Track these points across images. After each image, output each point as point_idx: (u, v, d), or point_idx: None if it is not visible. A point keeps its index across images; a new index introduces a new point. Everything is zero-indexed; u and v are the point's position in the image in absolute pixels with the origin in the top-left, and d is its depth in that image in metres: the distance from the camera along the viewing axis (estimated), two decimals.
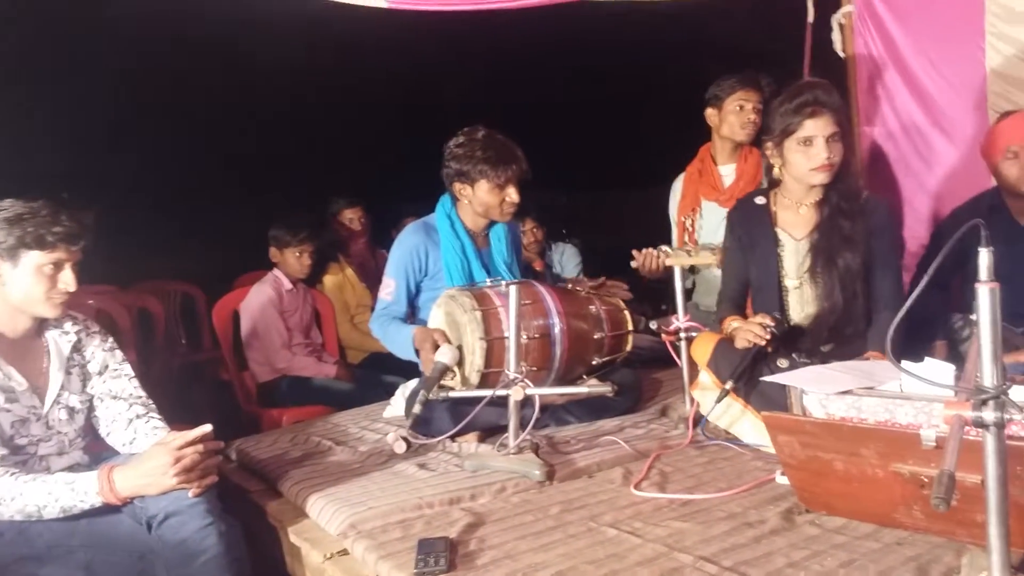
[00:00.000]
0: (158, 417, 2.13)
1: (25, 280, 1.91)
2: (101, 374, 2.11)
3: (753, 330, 2.23)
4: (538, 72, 5.90)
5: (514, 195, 2.66)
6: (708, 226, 3.14)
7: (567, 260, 4.92)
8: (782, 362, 2.21)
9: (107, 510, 1.85)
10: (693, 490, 1.91)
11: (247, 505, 2.16)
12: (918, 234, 3.32)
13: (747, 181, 3.09)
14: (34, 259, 1.90)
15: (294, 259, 3.76)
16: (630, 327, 2.67)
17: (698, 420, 2.31)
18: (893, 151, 3.38)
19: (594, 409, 2.51)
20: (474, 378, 2.38)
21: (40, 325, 2.03)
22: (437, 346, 2.43)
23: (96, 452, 2.12)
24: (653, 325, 2.57)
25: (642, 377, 2.82)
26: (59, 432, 2.01)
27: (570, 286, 2.73)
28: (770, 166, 2.44)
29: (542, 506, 1.87)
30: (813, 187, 2.36)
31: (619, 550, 1.61)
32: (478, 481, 2.01)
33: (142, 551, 1.86)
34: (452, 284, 2.66)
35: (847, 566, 1.49)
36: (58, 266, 1.93)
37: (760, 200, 2.48)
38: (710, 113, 3.17)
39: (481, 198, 2.67)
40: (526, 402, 2.16)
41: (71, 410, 2.04)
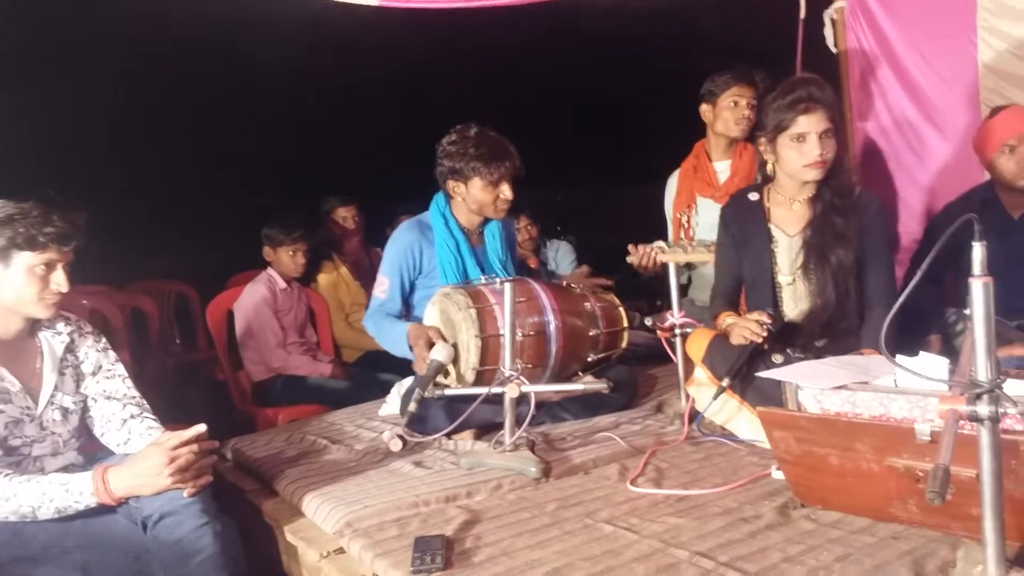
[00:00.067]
0: (152, 417, 2.12)
1: (17, 281, 1.90)
2: (95, 374, 2.11)
3: (750, 327, 2.24)
4: (531, 69, 5.88)
5: (508, 192, 2.67)
6: (704, 223, 3.13)
7: (562, 257, 4.92)
8: (777, 358, 2.22)
9: (102, 510, 1.85)
10: (689, 486, 1.92)
11: (243, 504, 2.15)
12: (911, 229, 3.32)
13: (742, 177, 3.08)
14: (25, 260, 1.89)
15: (288, 258, 3.76)
16: (625, 323, 2.67)
17: (694, 416, 2.31)
18: (886, 146, 3.38)
19: (590, 406, 2.51)
20: (469, 376, 2.38)
21: (33, 326, 2.03)
22: (431, 343, 2.43)
23: (90, 452, 2.12)
24: (648, 321, 2.56)
25: (638, 373, 2.82)
26: (53, 433, 2.01)
27: (565, 283, 2.73)
28: (764, 162, 2.44)
29: (538, 503, 1.87)
30: (806, 183, 2.36)
31: (615, 546, 1.62)
32: (474, 479, 2.01)
33: (138, 551, 1.86)
34: (447, 282, 2.66)
35: (843, 560, 1.49)
36: (50, 267, 1.93)
37: (753, 196, 2.48)
38: (705, 109, 3.16)
39: (475, 195, 2.67)
40: (522, 399, 2.16)
41: (65, 411, 2.03)
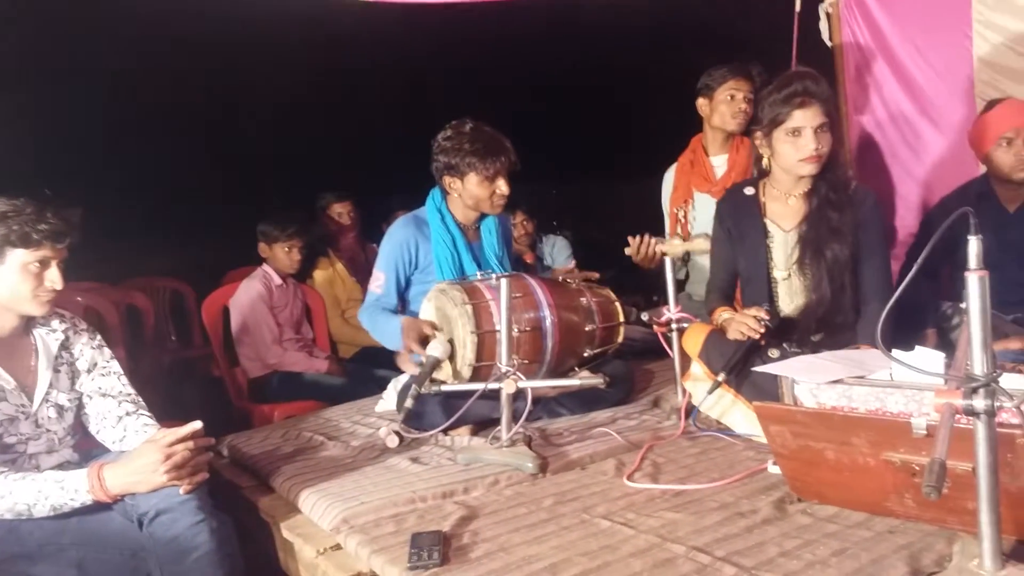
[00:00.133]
0: (148, 414, 2.12)
1: (11, 278, 1.90)
2: (90, 372, 2.10)
3: (747, 323, 2.23)
4: (526, 64, 5.89)
5: (504, 187, 2.66)
6: (701, 217, 3.12)
7: (558, 252, 4.92)
8: (773, 352, 2.21)
9: (98, 508, 1.84)
10: (685, 481, 1.92)
11: (239, 501, 2.15)
12: (907, 223, 3.33)
13: (739, 172, 3.07)
14: (19, 257, 1.89)
15: (283, 254, 3.75)
16: (621, 318, 2.67)
17: (690, 411, 2.31)
18: (881, 140, 3.38)
19: (586, 401, 2.51)
20: (466, 372, 2.38)
21: (27, 323, 2.02)
22: (421, 338, 2.43)
23: (86, 450, 2.11)
24: (644, 316, 2.56)
25: (634, 368, 2.82)
26: (48, 430, 2.00)
27: (561, 278, 2.72)
28: (759, 156, 2.44)
29: (535, 498, 1.87)
30: (802, 178, 2.36)
31: (612, 541, 1.62)
32: (471, 474, 2.01)
33: (134, 548, 1.85)
34: (442, 278, 2.66)
35: (839, 555, 1.49)
36: (44, 264, 1.92)
37: (749, 191, 2.48)
38: (701, 103, 3.15)
39: (471, 191, 2.66)
40: (518, 395, 2.16)
41: (60, 408, 2.03)
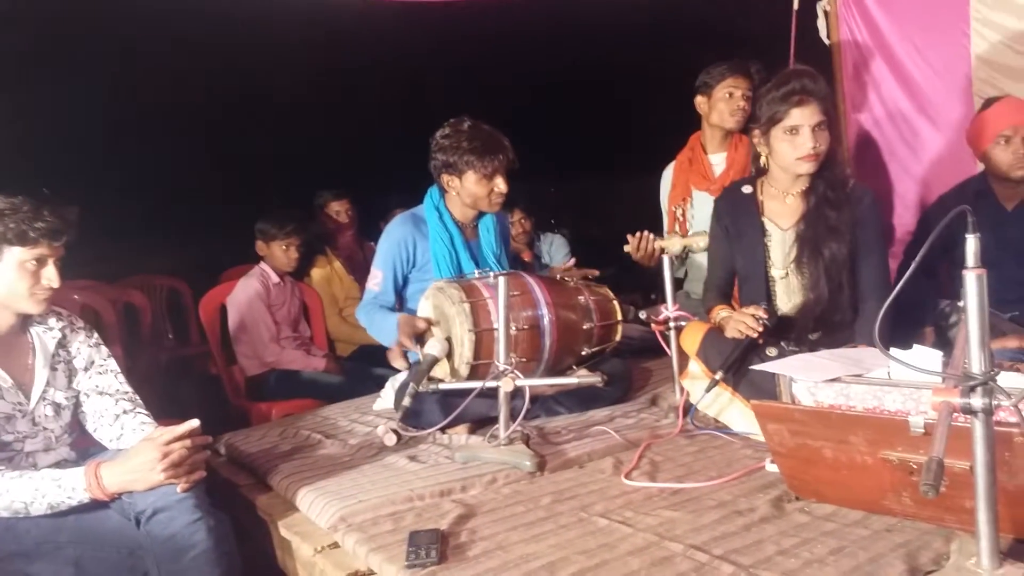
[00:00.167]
0: (145, 412, 2.12)
1: (8, 276, 1.89)
2: (87, 370, 2.10)
3: (746, 321, 2.22)
4: (525, 62, 5.88)
5: (502, 185, 2.66)
6: (700, 216, 3.11)
7: (556, 250, 4.92)
8: (771, 351, 2.22)
9: (95, 506, 1.84)
10: (683, 479, 1.92)
11: (237, 499, 2.15)
12: (905, 221, 3.33)
13: (738, 170, 3.07)
14: (16, 255, 1.88)
15: (281, 252, 3.74)
16: (619, 317, 2.67)
17: (688, 409, 2.31)
18: (879, 138, 3.38)
19: (584, 399, 2.51)
20: (464, 370, 2.37)
21: (24, 321, 2.02)
22: (416, 332, 2.43)
23: (83, 448, 2.11)
24: (642, 315, 2.56)
25: (632, 367, 2.82)
26: (45, 428, 2.00)
27: (559, 276, 2.72)
28: (757, 155, 2.44)
29: (533, 497, 1.87)
30: (799, 176, 2.35)
31: (610, 540, 1.61)
32: (469, 473, 2.01)
33: (131, 547, 1.85)
34: (440, 276, 2.66)
35: (837, 553, 1.49)
36: (41, 262, 1.92)
37: (747, 189, 2.48)
38: (700, 101, 3.15)
39: (469, 189, 2.66)
40: (516, 393, 2.16)
41: (57, 406, 2.03)
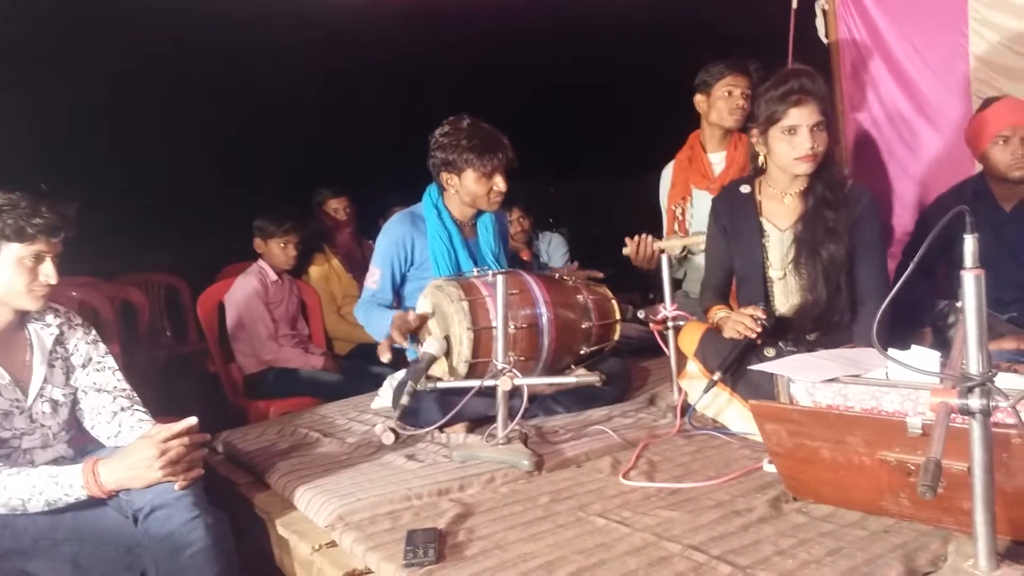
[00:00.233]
0: (143, 410, 2.11)
1: (5, 273, 1.89)
2: (84, 367, 2.10)
3: (744, 322, 2.22)
4: (524, 61, 5.88)
5: (501, 184, 2.66)
6: (699, 215, 3.10)
7: (554, 249, 4.93)
8: (769, 351, 2.21)
9: (92, 503, 1.84)
10: (681, 479, 1.92)
11: (234, 497, 2.14)
12: (903, 221, 3.33)
13: (737, 169, 3.06)
14: (14, 251, 1.88)
15: (279, 250, 3.74)
16: (618, 316, 2.66)
17: (686, 409, 2.31)
18: (877, 138, 3.38)
19: (582, 399, 2.51)
20: (462, 368, 2.37)
21: (22, 318, 2.01)
22: (408, 329, 2.43)
23: (81, 445, 2.11)
24: (641, 314, 2.56)
25: (630, 366, 2.82)
26: (43, 425, 2.00)
27: (558, 275, 2.72)
28: (755, 154, 2.43)
29: (531, 496, 1.87)
30: (797, 176, 2.35)
31: (608, 539, 1.61)
32: (467, 472, 2.01)
33: (129, 544, 1.85)
34: (439, 274, 2.66)
35: (834, 554, 1.49)
36: (39, 258, 1.91)
37: (745, 189, 2.47)
38: (699, 99, 3.15)
39: (468, 187, 2.66)
40: (514, 392, 2.16)
41: (54, 403, 2.02)
